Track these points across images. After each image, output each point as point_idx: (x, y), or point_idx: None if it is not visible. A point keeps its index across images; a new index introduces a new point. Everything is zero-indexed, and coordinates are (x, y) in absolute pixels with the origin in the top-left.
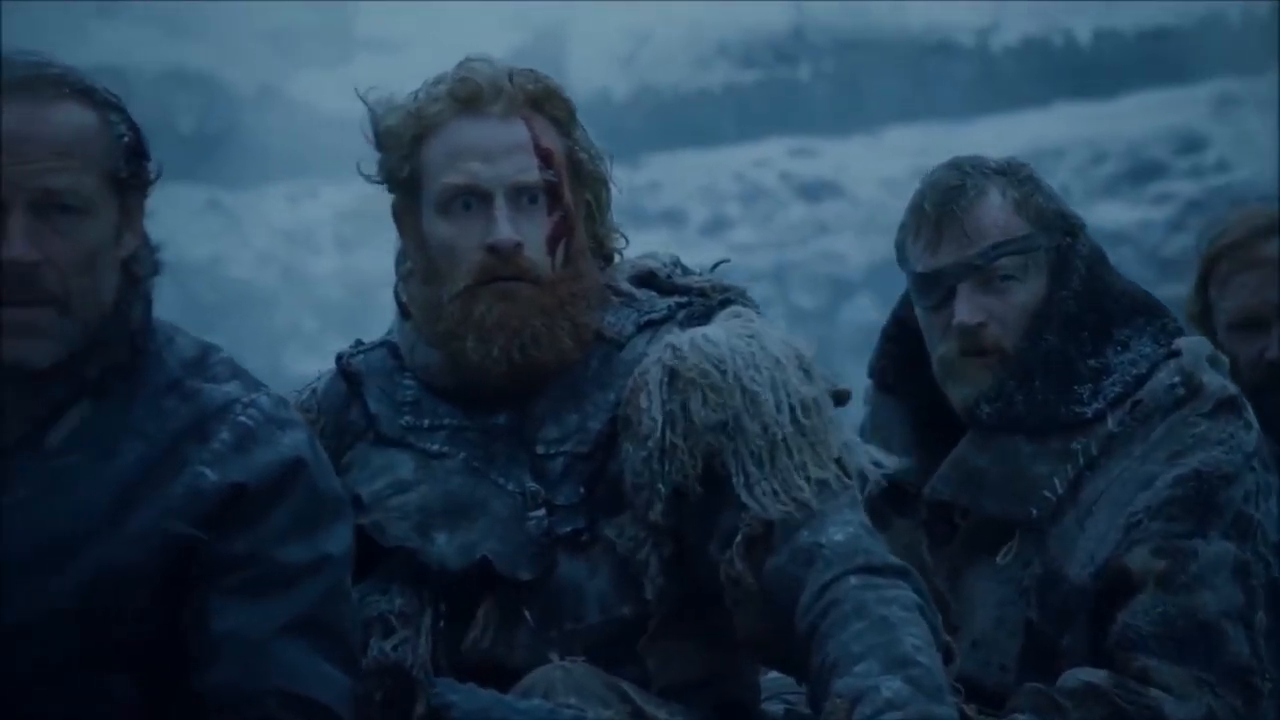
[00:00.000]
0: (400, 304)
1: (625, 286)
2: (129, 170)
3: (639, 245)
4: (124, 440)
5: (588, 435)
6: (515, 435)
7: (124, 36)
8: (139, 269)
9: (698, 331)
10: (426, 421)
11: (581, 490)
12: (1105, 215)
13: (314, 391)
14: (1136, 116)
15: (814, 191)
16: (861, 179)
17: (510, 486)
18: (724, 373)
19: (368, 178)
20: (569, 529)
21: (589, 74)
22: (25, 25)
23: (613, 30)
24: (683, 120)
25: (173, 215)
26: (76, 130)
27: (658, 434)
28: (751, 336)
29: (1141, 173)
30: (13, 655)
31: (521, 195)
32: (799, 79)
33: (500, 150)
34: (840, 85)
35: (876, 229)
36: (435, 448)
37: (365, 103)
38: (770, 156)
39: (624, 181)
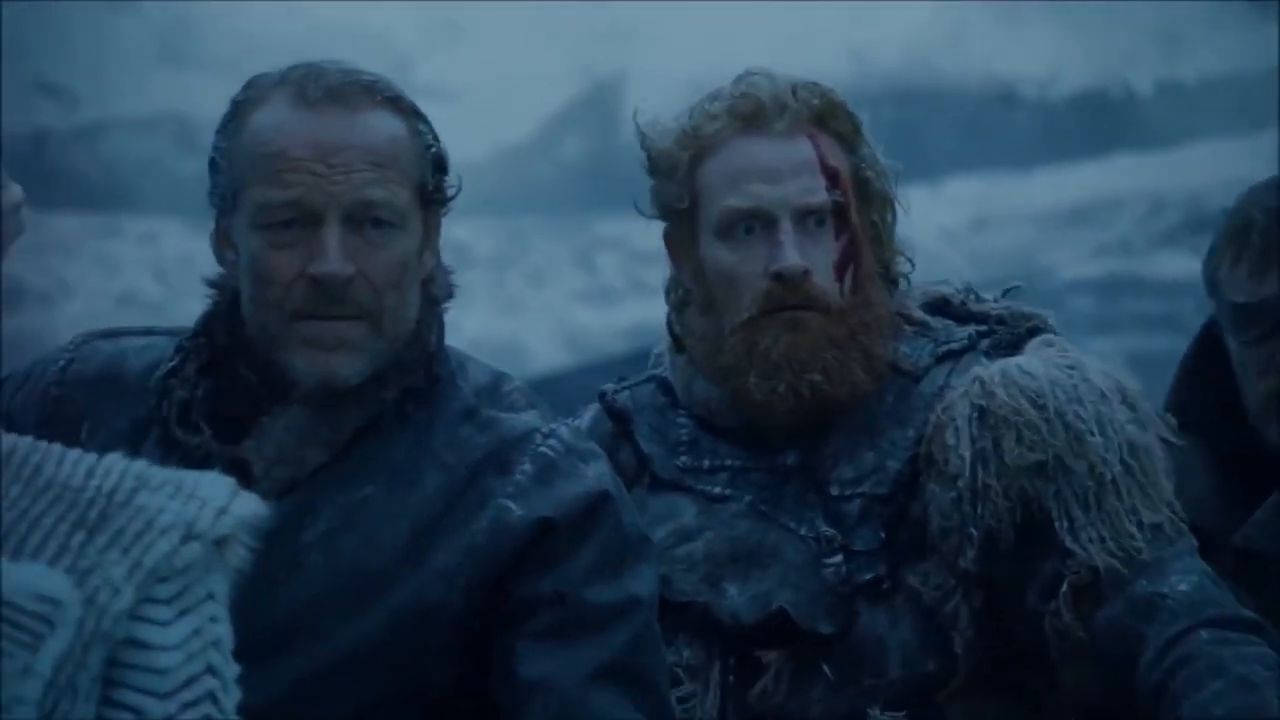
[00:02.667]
0: (673, 336)
1: (918, 314)
2: (434, 183)
3: None
4: (423, 470)
5: (886, 475)
6: (805, 476)
7: (186, 84)
8: (436, 290)
9: (1010, 362)
10: (706, 462)
11: (881, 534)
12: (1165, 266)
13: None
14: (1197, 167)
15: None
16: (920, 228)
17: (803, 531)
18: (1042, 408)
19: (641, 211)
20: (869, 576)
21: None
22: (86, 71)
23: (673, 81)
24: None
25: None
26: (390, 139)
27: (967, 474)
28: (1072, 368)
29: (1201, 224)
30: (316, 700)
31: (808, 218)
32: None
33: (785, 170)
34: (899, 135)
35: (935, 278)
36: (717, 490)
37: (637, 126)
38: None
39: None
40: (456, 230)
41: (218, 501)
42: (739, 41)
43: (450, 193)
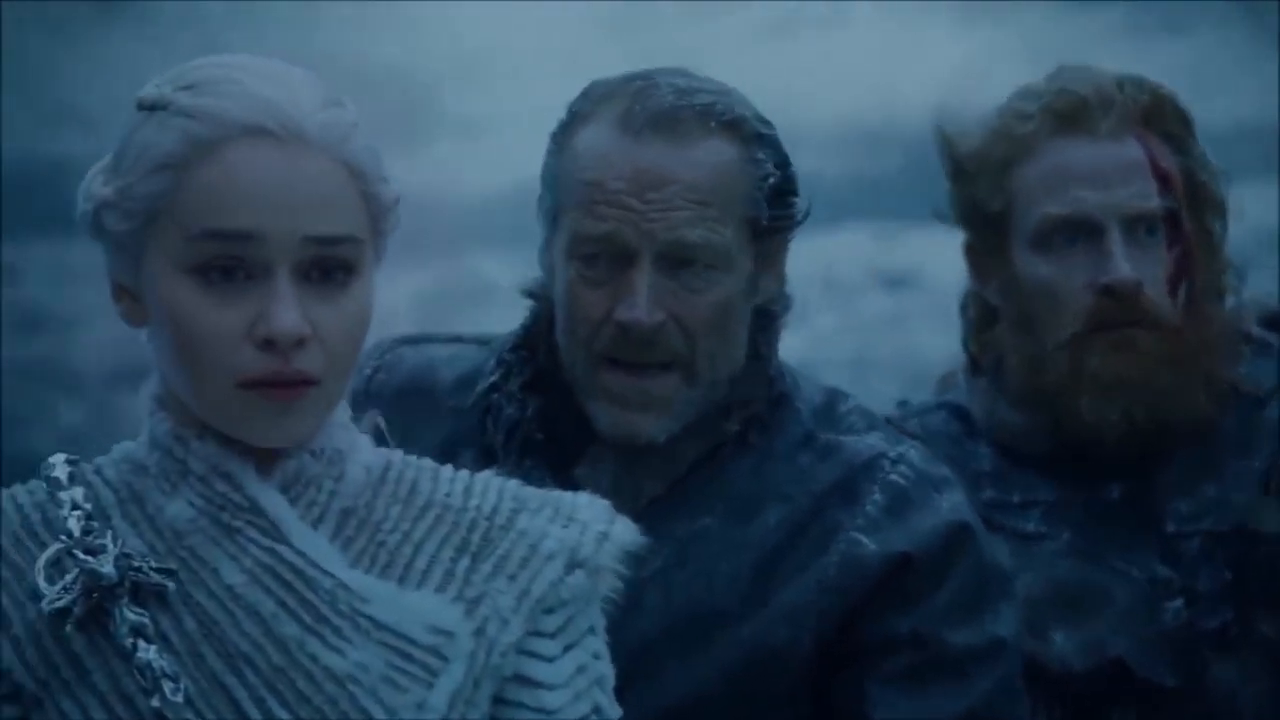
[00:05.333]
0: (970, 357)
1: (1256, 331)
2: (771, 214)
3: None
4: (763, 502)
5: (1230, 510)
6: (1134, 510)
7: None
8: (773, 307)
9: None
10: (1016, 497)
11: (1227, 576)
12: None
13: None
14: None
15: (895, 280)
16: (943, 269)
17: (1134, 572)
18: None
19: (938, 216)
20: (1215, 623)
21: None
22: (108, 98)
23: None
24: None
25: None
26: (717, 173)
27: None
28: None
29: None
30: None
31: (1138, 226)
32: (884, 167)
33: (1113, 173)
34: (925, 174)
35: (957, 319)
36: (1030, 528)
37: (937, 126)
38: (853, 244)
39: None
40: (481, 263)
41: (598, 526)
42: (765, 78)
43: (799, 216)
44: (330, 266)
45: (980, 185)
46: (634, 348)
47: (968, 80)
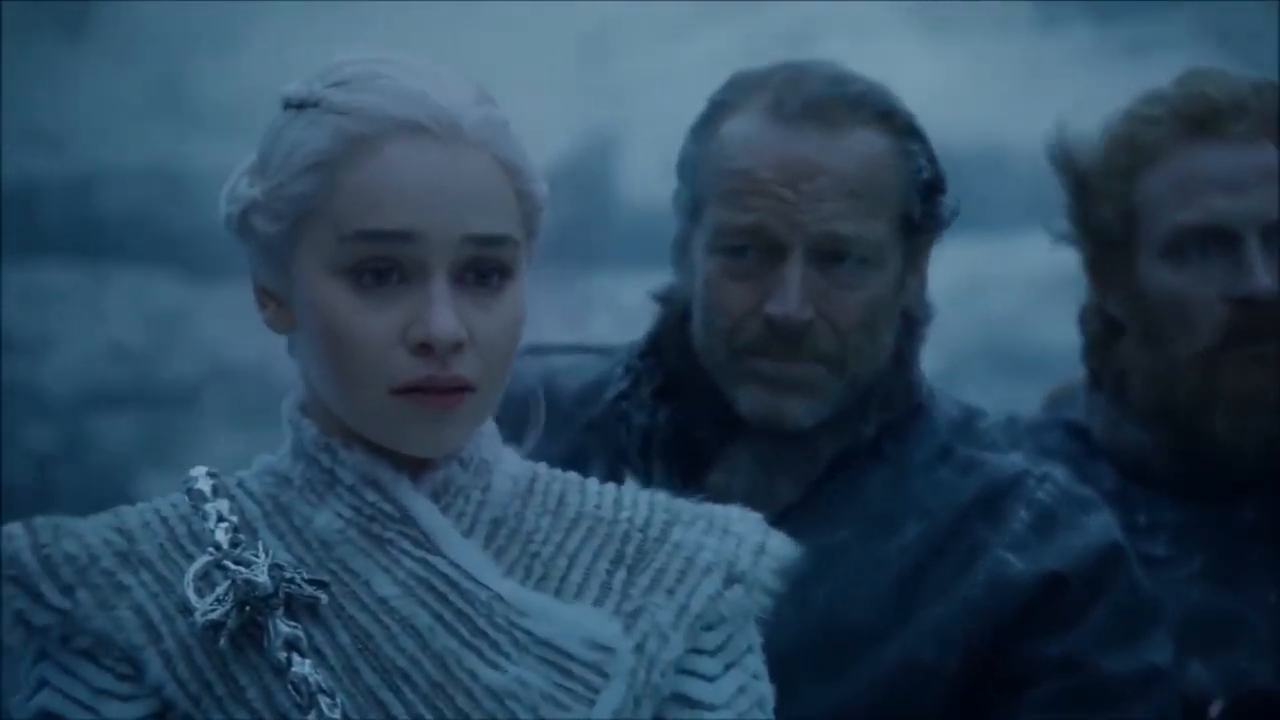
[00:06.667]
0: (1091, 371)
1: None
2: (923, 211)
3: None
4: (902, 515)
5: None
6: (1270, 533)
7: (178, 136)
8: (919, 313)
9: None
10: (1141, 518)
11: None
12: None
13: None
14: None
15: None
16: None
17: (1274, 598)
18: None
19: (1057, 237)
20: None
21: (638, 180)
22: (78, 120)
23: (668, 138)
24: None
25: (222, 315)
26: (871, 165)
27: None
28: None
29: None
30: None
31: (1276, 235)
32: None
33: (1249, 180)
34: None
35: (931, 340)
36: (1159, 551)
37: (1055, 133)
38: None
39: None
40: None
41: (754, 538)
42: None
43: (947, 216)
44: (486, 269)
45: (1104, 193)
46: (781, 344)
47: (940, 102)
